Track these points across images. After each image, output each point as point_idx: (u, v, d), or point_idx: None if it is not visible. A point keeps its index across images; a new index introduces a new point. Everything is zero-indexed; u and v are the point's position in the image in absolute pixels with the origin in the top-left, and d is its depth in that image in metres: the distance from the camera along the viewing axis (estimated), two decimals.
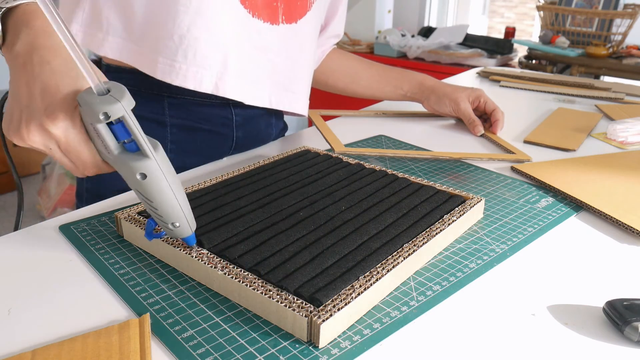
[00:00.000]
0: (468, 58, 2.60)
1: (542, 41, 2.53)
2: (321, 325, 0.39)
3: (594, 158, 0.79)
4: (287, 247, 0.48)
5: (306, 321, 0.39)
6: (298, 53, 0.78)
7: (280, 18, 0.73)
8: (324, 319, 0.39)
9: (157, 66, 0.67)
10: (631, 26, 2.32)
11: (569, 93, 1.21)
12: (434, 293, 0.46)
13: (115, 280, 0.47)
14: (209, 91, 0.69)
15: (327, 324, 0.39)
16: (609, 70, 2.31)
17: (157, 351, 0.39)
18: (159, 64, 0.67)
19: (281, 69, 0.77)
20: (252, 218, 0.53)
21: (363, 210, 0.55)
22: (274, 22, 0.73)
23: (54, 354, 0.37)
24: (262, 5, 0.70)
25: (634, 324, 0.40)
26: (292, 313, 0.40)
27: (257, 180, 0.63)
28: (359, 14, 3.05)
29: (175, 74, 0.67)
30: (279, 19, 0.73)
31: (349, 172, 0.66)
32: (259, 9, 0.70)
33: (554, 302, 0.46)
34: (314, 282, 0.43)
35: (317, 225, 0.52)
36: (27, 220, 2.35)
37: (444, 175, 0.72)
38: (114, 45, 0.67)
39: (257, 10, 0.70)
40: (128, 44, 0.68)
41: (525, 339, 0.41)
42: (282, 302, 0.41)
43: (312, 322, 0.39)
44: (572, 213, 0.62)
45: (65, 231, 0.55)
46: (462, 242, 0.55)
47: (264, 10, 0.71)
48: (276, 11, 0.72)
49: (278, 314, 0.41)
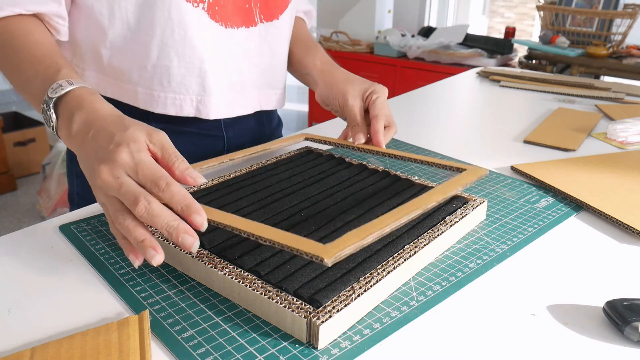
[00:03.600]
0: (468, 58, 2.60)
1: (542, 41, 2.53)
2: (320, 326, 0.38)
3: (594, 158, 0.79)
4: None
5: (305, 322, 0.39)
6: (278, 47, 0.76)
7: (257, 18, 0.72)
8: (323, 320, 0.39)
9: (138, 96, 0.69)
10: (631, 26, 2.32)
11: (569, 93, 1.21)
12: (434, 293, 0.46)
13: (115, 280, 0.47)
14: (191, 115, 0.70)
15: (326, 325, 0.39)
16: (609, 70, 2.32)
17: (157, 351, 0.39)
18: (139, 94, 0.68)
19: (265, 68, 0.76)
20: (253, 218, 0.53)
21: (365, 211, 0.55)
22: (251, 25, 0.71)
23: (53, 351, 0.37)
24: (232, 11, 0.68)
25: (634, 324, 0.40)
26: (291, 314, 0.40)
27: (259, 180, 0.63)
28: (359, 14, 3.05)
29: (156, 103, 0.69)
30: (256, 19, 0.71)
31: (351, 173, 0.65)
32: (230, 17, 0.68)
33: (554, 302, 0.46)
34: (313, 283, 0.43)
35: (318, 226, 0.52)
36: (27, 220, 2.35)
37: (444, 175, 0.72)
38: (92, 80, 0.69)
39: (229, 20, 0.68)
40: (105, 77, 0.68)
41: (525, 339, 0.41)
42: (281, 303, 0.41)
43: (311, 324, 0.39)
44: (572, 213, 0.62)
45: (65, 231, 0.55)
46: (463, 242, 0.55)
47: (236, 16, 0.69)
48: (251, 13, 0.70)
49: (277, 315, 0.41)
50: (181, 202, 0.42)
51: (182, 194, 0.43)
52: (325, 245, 0.39)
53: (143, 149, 0.45)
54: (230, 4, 0.68)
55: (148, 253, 0.41)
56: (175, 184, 0.43)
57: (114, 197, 0.44)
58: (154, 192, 0.43)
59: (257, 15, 0.71)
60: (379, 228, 0.42)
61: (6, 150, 2.62)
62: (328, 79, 0.75)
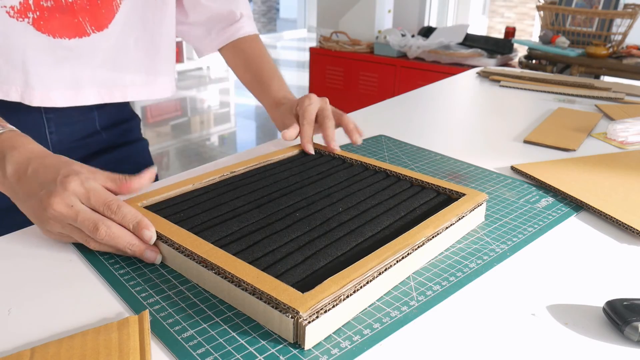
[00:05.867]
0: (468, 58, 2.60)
1: (542, 41, 2.53)
2: (307, 327, 0.38)
3: (594, 158, 0.79)
4: (280, 248, 0.48)
5: (292, 322, 0.39)
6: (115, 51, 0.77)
7: (89, 30, 0.73)
8: (309, 320, 0.39)
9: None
10: (631, 26, 2.32)
11: (569, 93, 1.21)
12: (434, 293, 0.46)
13: (115, 280, 0.47)
14: (16, 100, 0.71)
15: (312, 326, 0.39)
16: (609, 70, 2.32)
17: (157, 351, 0.39)
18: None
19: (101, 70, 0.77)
20: (247, 218, 0.53)
21: (360, 212, 0.55)
22: (83, 35, 0.73)
23: (53, 351, 0.37)
24: (60, 26, 0.70)
25: (634, 324, 0.40)
26: (278, 314, 0.40)
27: (256, 180, 0.63)
28: (359, 14, 3.05)
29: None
30: (88, 31, 0.73)
31: (350, 174, 0.65)
32: (58, 29, 0.70)
33: (554, 302, 0.46)
34: (303, 284, 0.43)
35: (312, 226, 0.52)
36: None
37: (444, 175, 0.72)
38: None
39: (57, 32, 0.70)
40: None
41: (525, 339, 0.41)
42: (269, 302, 0.40)
43: (298, 324, 0.39)
44: (572, 213, 0.62)
45: None
46: (462, 242, 0.55)
47: (65, 29, 0.71)
48: (80, 25, 0.72)
49: (265, 315, 0.41)
50: (132, 220, 0.49)
51: (133, 212, 0.49)
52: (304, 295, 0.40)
53: (91, 177, 0.50)
54: (57, 20, 0.69)
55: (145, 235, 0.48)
56: (125, 204, 0.49)
57: (71, 225, 0.48)
58: (106, 214, 0.49)
59: (87, 27, 0.73)
60: (360, 273, 0.43)
61: None
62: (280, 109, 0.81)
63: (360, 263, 0.44)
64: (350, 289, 0.41)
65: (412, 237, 0.48)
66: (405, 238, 0.48)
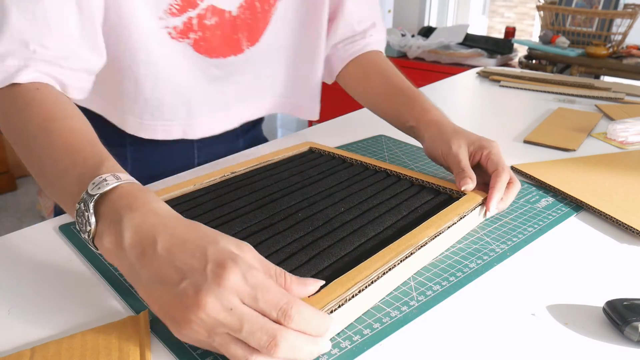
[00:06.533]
0: (468, 58, 2.60)
1: (542, 41, 2.53)
2: None
3: (594, 158, 0.79)
4: (284, 248, 0.48)
5: None
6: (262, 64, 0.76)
7: (244, 46, 0.72)
8: None
9: (126, 124, 0.69)
10: (631, 26, 2.32)
11: (569, 93, 1.21)
12: (434, 293, 0.46)
13: (115, 280, 0.47)
14: (178, 137, 0.72)
15: None
16: (609, 70, 2.31)
17: (157, 351, 0.39)
18: (128, 122, 0.69)
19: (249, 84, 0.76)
20: (250, 218, 0.53)
21: (362, 212, 0.55)
22: (238, 53, 0.71)
23: (53, 351, 0.37)
24: (219, 44, 0.69)
25: (634, 324, 0.40)
26: None
27: (258, 180, 0.63)
28: None
29: (145, 130, 0.70)
30: (243, 47, 0.72)
31: (351, 173, 0.65)
32: (216, 49, 0.69)
33: (554, 302, 0.46)
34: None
35: (315, 226, 0.52)
36: (27, 220, 2.35)
37: (444, 174, 0.72)
38: None
39: (214, 52, 0.69)
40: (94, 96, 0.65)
41: (525, 339, 0.41)
42: None
43: None
44: (572, 213, 0.62)
45: (65, 231, 0.55)
46: (462, 242, 0.55)
47: (223, 48, 0.69)
48: (238, 42, 0.71)
49: None
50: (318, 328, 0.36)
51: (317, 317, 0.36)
52: (310, 298, 0.39)
53: (252, 265, 0.36)
54: (217, 38, 0.68)
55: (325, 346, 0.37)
56: (304, 305, 0.36)
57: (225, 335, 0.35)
58: (281, 321, 0.35)
59: (244, 43, 0.71)
60: (365, 275, 0.42)
61: (6, 150, 2.62)
62: (434, 131, 0.66)
63: (364, 264, 0.44)
64: (355, 290, 0.42)
65: (415, 237, 0.48)
66: (408, 238, 0.48)
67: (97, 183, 0.41)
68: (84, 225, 0.41)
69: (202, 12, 0.65)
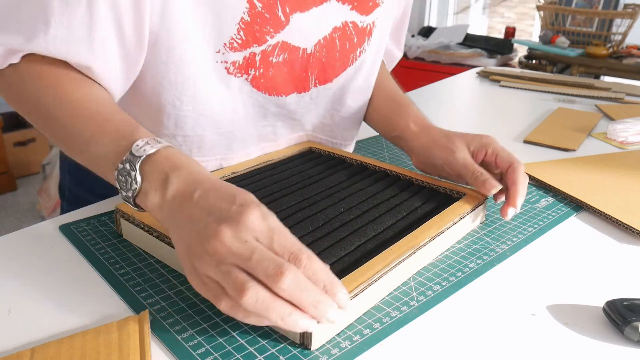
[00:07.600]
0: (468, 58, 2.60)
1: (542, 41, 2.53)
2: None
3: (594, 158, 0.79)
4: None
5: None
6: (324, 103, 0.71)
7: (312, 84, 0.66)
8: None
9: None
10: (631, 26, 2.32)
11: (569, 93, 1.21)
12: (434, 293, 0.46)
13: (115, 280, 0.47)
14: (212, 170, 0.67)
15: (320, 327, 0.39)
16: (609, 70, 2.32)
17: (157, 351, 0.39)
18: None
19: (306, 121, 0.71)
20: None
21: (363, 212, 0.55)
22: (303, 91, 0.66)
23: (53, 351, 0.37)
24: (282, 82, 0.63)
25: (634, 324, 0.40)
26: None
27: (258, 180, 0.63)
28: None
29: None
30: (310, 85, 0.66)
31: (350, 173, 0.65)
32: (277, 86, 0.63)
33: (554, 302, 0.46)
34: None
35: (315, 226, 0.52)
36: (27, 220, 2.35)
37: None
38: None
39: (274, 89, 0.63)
40: None
41: (525, 339, 0.41)
42: None
43: None
44: (572, 213, 0.62)
45: (65, 231, 0.55)
46: (462, 242, 0.55)
47: (286, 86, 0.64)
48: (307, 80, 0.65)
49: None
50: (325, 279, 0.36)
51: (326, 270, 0.37)
52: None
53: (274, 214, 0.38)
54: (281, 75, 0.62)
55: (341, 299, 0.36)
56: (317, 258, 0.37)
57: (231, 268, 0.35)
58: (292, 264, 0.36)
59: (312, 82, 0.66)
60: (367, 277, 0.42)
61: (6, 150, 2.62)
62: (424, 141, 0.64)
63: (366, 266, 0.44)
64: (356, 291, 0.42)
65: (416, 238, 0.48)
66: (409, 239, 0.48)
67: (140, 146, 0.44)
68: (128, 184, 0.43)
69: (269, 49, 0.59)
